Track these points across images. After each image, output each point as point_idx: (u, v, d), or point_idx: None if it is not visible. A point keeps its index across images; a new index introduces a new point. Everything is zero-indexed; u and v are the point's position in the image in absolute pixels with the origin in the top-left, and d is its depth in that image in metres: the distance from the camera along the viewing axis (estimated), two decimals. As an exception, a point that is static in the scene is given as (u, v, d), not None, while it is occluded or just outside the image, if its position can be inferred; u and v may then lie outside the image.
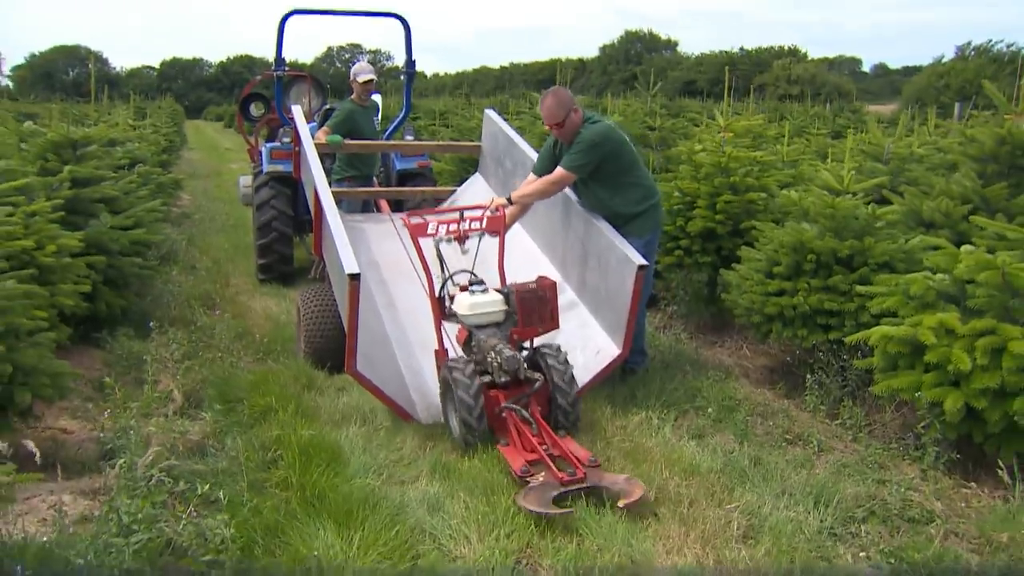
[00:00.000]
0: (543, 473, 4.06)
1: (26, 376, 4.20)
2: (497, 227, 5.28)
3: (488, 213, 5.29)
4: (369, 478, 4.19)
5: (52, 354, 4.50)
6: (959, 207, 5.77)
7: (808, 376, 5.40)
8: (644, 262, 5.03)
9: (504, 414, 4.51)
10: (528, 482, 3.99)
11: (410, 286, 6.13)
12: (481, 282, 5.02)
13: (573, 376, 4.76)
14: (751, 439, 4.85)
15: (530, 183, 5.71)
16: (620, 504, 3.80)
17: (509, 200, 5.58)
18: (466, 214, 5.22)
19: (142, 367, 5.49)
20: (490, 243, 5.25)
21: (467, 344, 4.98)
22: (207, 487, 3.82)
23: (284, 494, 4.00)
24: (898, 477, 4.35)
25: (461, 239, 5.18)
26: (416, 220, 5.19)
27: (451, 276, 5.12)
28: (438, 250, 5.15)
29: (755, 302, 5.71)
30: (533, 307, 4.86)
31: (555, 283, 4.98)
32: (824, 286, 5.46)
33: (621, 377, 5.57)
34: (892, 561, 3.57)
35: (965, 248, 4.73)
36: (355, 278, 4.58)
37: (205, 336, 6.45)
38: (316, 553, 3.39)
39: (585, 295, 5.69)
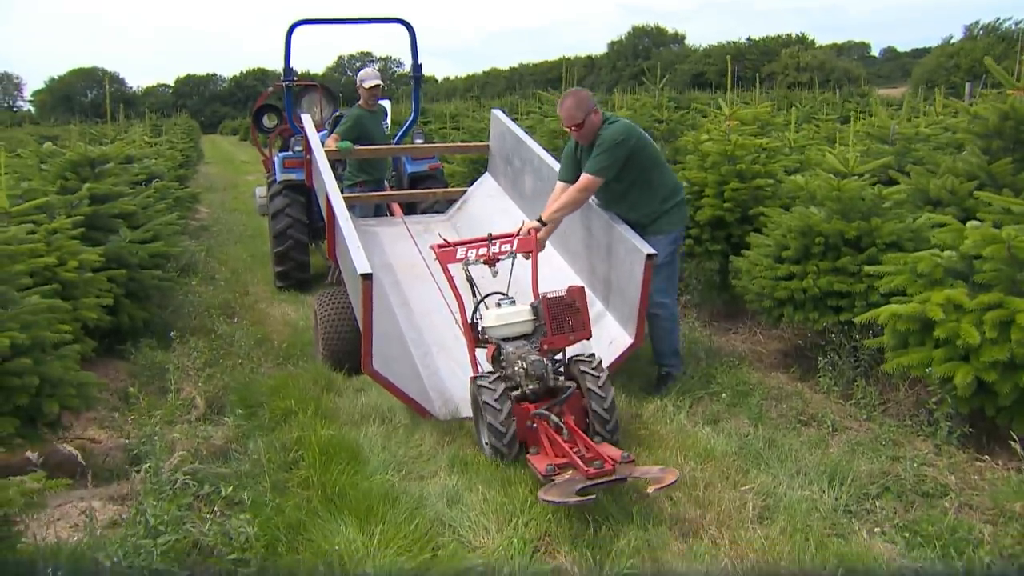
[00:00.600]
0: (570, 471, 3.85)
1: (53, 388, 4.31)
2: (529, 247, 5.16)
3: (519, 237, 5.18)
4: (388, 474, 4.28)
5: (77, 366, 4.62)
6: (965, 184, 5.79)
7: (820, 358, 5.43)
8: (652, 251, 5.08)
9: (535, 424, 4.32)
10: (552, 480, 3.81)
11: (424, 287, 6.22)
12: (512, 302, 4.89)
13: (608, 381, 4.52)
14: (765, 422, 4.90)
15: (557, 197, 5.52)
16: (649, 490, 3.68)
17: (541, 221, 5.35)
18: (495, 238, 5.12)
19: (165, 376, 5.61)
20: (523, 264, 5.17)
21: (495, 359, 4.79)
22: (231, 489, 3.93)
23: (306, 493, 4.09)
24: (912, 453, 4.39)
25: (491, 262, 5.09)
26: (444, 248, 5.13)
27: (483, 299, 4.99)
28: (468, 274, 5.06)
29: (765, 287, 5.75)
30: (563, 315, 4.70)
31: (583, 288, 4.86)
32: (833, 268, 5.50)
33: (657, 386, 5.47)
34: (907, 535, 3.62)
35: (971, 224, 4.75)
36: (367, 278, 4.66)
37: (225, 344, 6.56)
38: (338, 548, 3.47)
39: (596, 286, 5.75)
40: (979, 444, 4.46)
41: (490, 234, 5.12)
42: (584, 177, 5.34)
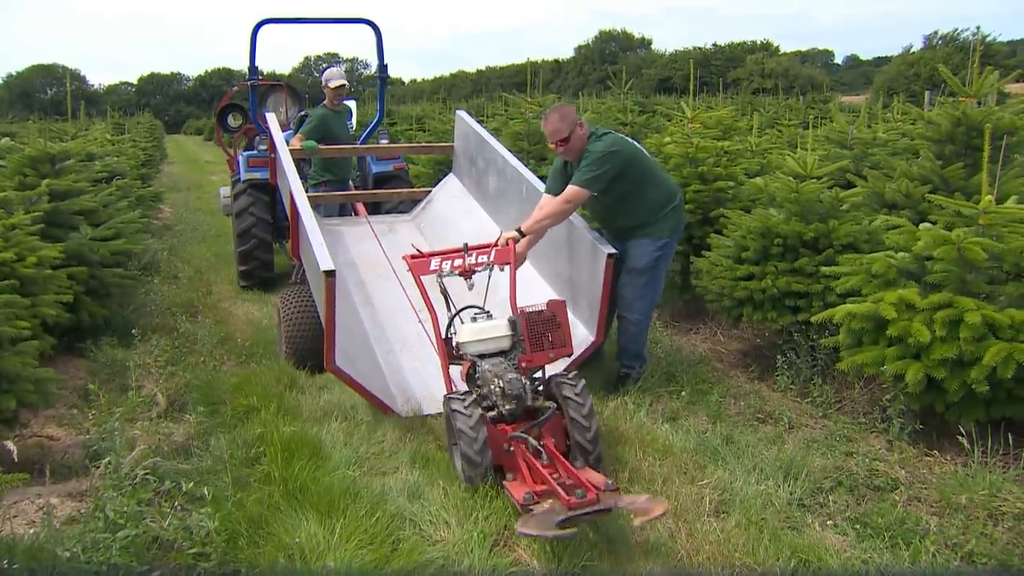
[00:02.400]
0: (550, 500, 3.57)
1: (10, 383, 4.28)
2: (507, 259, 4.97)
3: (497, 248, 5.03)
4: (350, 470, 4.30)
5: (36, 362, 4.58)
6: (919, 188, 5.93)
7: (779, 357, 5.54)
8: (613, 250, 5.14)
9: (511, 447, 4.01)
10: (531, 510, 3.52)
11: (388, 286, 6.24)
12: (486, 312, 4.74)
13: (593, 409, 4.18)
14: (724, 419, 4.98)
15: (541, 207, 5.36)
16: (636, 522, 3.42)
17: (520, 232, 5.21)
18: (471, 249, 4.95)
19: (126, 374, 5.58)
20: (500, 276, 5.01)
21: (470, 377, 4.56)
22: (191, 484, 3.91)
23: (267, 488, 4.09)
24: (865, 449, 4.49)
25: (467, 274, 4.91)
26: (418, 258, 4.95)
27: (458, 313, 4.81)
28: (442, 286, 4.89)
29: (725, 287, 5.85)
30: (543, 331, 4.49)
31: (564, 303, 4.69)
32: (791, 269, 5.61)
33: (615, 384, 5.47)
34: (858, 527, 3.71)
35: (923, 226, 4.89)
36: (330, 274, 4.68)
37: (188, 342, 6.53)
38: (299, 541, 3.48)
39: (560, 287, 5.81)
40: (929, 440, 4.57)
41: (466, 244, 4.95)
42: (570, 189, 5.18)
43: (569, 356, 4.63)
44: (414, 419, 4.93)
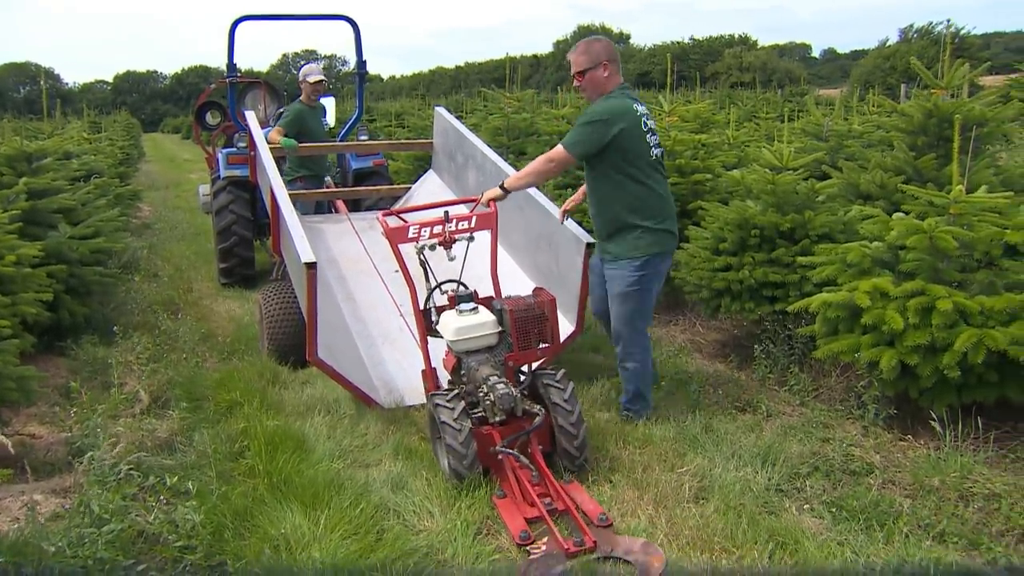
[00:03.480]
0: (546, 540, 3.53)
1: (-9, 381, 4.29)
2: (489, 224, 4.65)
3: (479, 209, 4.71)
4: (334, 462, 4.33)
5: (16, 360, 4.58)
6: (893, 178, 6.02)
7: (756, 347, 5.61)
8: (591, 240, 5.11)
9: (500, 457, 4.00)
10: (529, 553, 3.47)
11: (369, 281, 6.28)
12: (470, 298, 4.43)
13: (581, 415, 4.12)
14: (703, 408, 5.05)
15: (526, 169, 4.88)
16: None
17: (503, 188, 4.77)
18: (452, 213, 4.57)
19: (108, 371, 5.59)
20: (479, 246, 4.73)
21: (456, 371, 4.45)
22: (176, 479, 3.94)
23: (252, 481, 4.12)
24: (841, 435, 4.58)
25: (447, 244, 4.55)
26: (395, 222, 4.62)
27: (438, 286, 4.61)
28: (422, 257, 4.60)
29: (703, 278, 5.91)
30: (530, 328, 4.32)
31: (554, 299, 4.45)
32: (768, 259, 5.68)
33: (620, 417, 4.93)
34: (833, 510, 3.79)
35: (896, 216, 4.98)
36: (311, 266, 4.71)
37: (169, 339, 6.53)
38: (284, 532, 3.52)
39: (539, 278, 5.85)
40: (904, 425, 4.66)
41: (446, 212, 4.57)
42: (556, 148, 4.68)
43: (556, 353, 4.55)
44: (397, 411, 4.97)
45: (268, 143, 7.03)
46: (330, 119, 9.29)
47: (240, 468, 4.34)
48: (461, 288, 4.50)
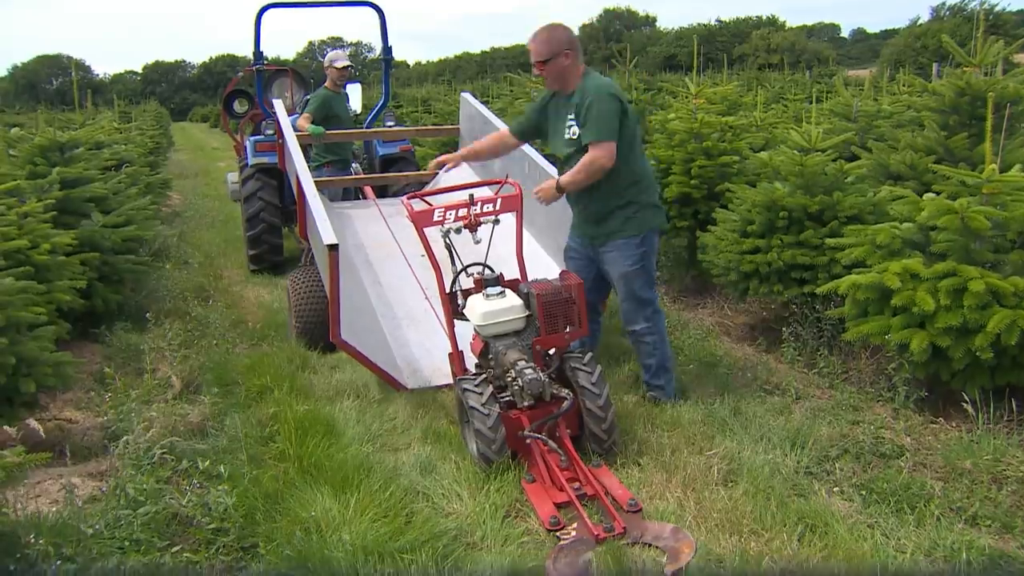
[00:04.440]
0: (575, 525, 3.54)
1: (29, 367, 4.37)
2: (514, 206, 4.61)
3: (505, 191, 4.64)
4: (363, 446, 4.37)
5: (53, 346, 4.66)
6: (924, 158, 5.95)
7: (784, 329, 5.58)
8: None
9: (528, 441, 4.00)
10: (559, 539, 3.47)
11: (395, 265, 6.32)
12: (496, 281, 4.41)
13: (609, 398, 4.11)
14: (731, 391, 5.02)
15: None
16: (666, 571, 3.20)
17: (559, 188, 4.71)
18: (476, 195, 4.55)
19: (140, 357, 5.67)
20: (504, 229, 4.67)
21: (483, 355, 4.44)
22: (208, 463, 4.01)
23: (282, 465, 4.17)
24: (871, 418, 4.55)
25: (473, 226, 4.52)
26: (420, 206, 4.59)
27: (464, 269, 4.58)
28: (448, 241, 4.57)
29: (731, 261, 5.88)
30: (558, 312, 4.26)
31: (582, 283, 4.38)
32: (797, 241, 5.64)
33: (647, 399, 4.91)
34: (863, 493, 3.77)
35: (927, 196, 4.92)
36: (333, 248, 4.74)
37: (200, 326, 6.61)
38: (314, 515, 3.56)
39: (562, 259, 5.84)
40: (934, 407, 4.62)
41: (471, 194, 4.56)
42: (600, 146, 4.52)
43: (584, 336, 4.45)
44: (425, 396, 5.00)
45: (296, 130, 7.07)
46: (357, 105, 9.32)
47: (271, 452, 4.39)
48: (487, 271, 4.49)
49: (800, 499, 3.75)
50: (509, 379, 4.17)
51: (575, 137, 4.69)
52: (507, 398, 4.22)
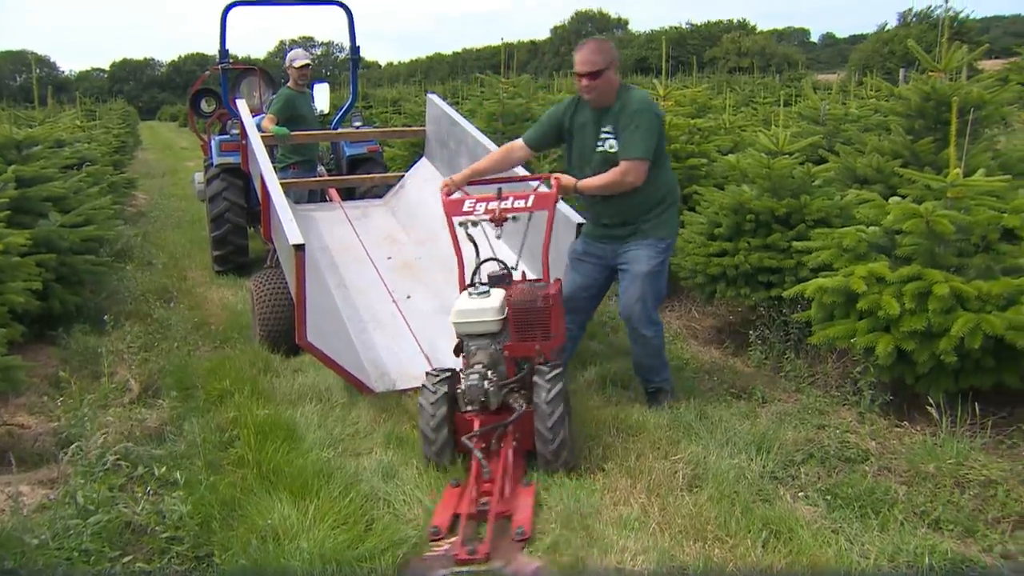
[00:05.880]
0: (448, 544, 3.45)
1: (-23, 371, 4.24)
2: (547, 204, 4.48)
3: (540, 189, 4.54)
4: (324, 451, 4.28)
5: (4, 349, 4.53)
6: (890, 162, 5.97)
7: (752, 333, 5.57)
8: (582, 220, 5.07)
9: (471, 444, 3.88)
10: (429, 546, 3.46)
11: (361, 268, 6.25)
12: (502, 279, 4.38)
13: (559, 394, 3.90)
14: (697, 395, 5.00)
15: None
16: None
17: (577, 189, 4.66)
18: (505, 190, 4.48)
19: (98, 361, 5.54)
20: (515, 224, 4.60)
21: (458, 352, 4.37)
22: (164, 469, 3.91)
23: (241, 471, 4.08)
24: (836, 422, 4.54)
25: (498, 221, 4.46)
26: (455, 195, 4.62)
27: (484, 262, 4.47)
28: (468, 233, 4.52)
29: (698, 264, 5.86)
30: (529, 320, 4.12)
31: (557, 293, 4.29)
32: (764, 245, 5.63)
33: (648, 402, 4.90)
34: (828, 498, 3.75)
35: (893, 200, 4.93)
36: (299, 248, 4.67)
37: (161, 328, 6.49)
38: (272, 522, 3.48)
39: (533, 260, 5.79)
40: (899, 411, 4.62)
41: (500, 188, 4.49)
42: (632, 163, 4.52)
43: (559, 346, 4.27)
44: (388, 400, 4.93)
45: (260, 131, 6.97)
46: (323, 105, 9.22)
47: (229, 457, 4.30)
48: (501, 266, 4.44)
49: (765, 504, 3.73)
50: (461, 379, 4.12)
51: (612, 151, 4.65)
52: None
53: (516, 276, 4.58)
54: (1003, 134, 7.76)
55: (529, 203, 4.46)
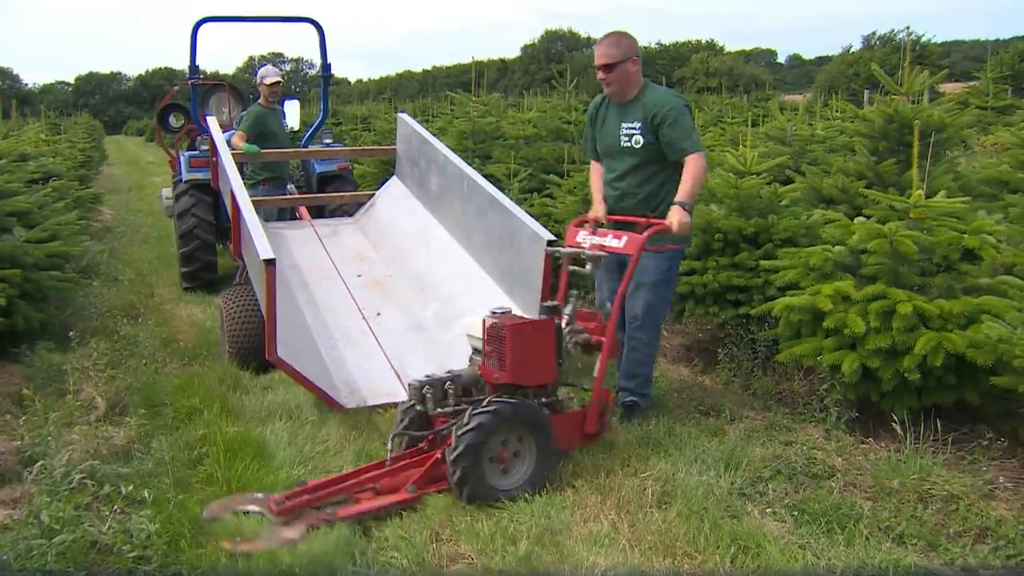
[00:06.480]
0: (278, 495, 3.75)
1: (-60, 389, 4.17)
2: (633, 250, 4.48)
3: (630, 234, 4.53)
4: (295, 469, 4.26)
5: (-34, 367, 4.47)
6: (855, 183, 6.08)
7: (720, 351, 5.63)
8: (552, 237, 5.12)
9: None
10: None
11: (332, 286, 6.25)
12: (554, 311, 4.41)
13: (473, 430, 3.84)
14: (666, 412, 5.04)
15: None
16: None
17: (683, 206, 4.57)
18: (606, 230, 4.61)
19: (63, 378, 5.45)
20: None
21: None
22: (132, 488, 3.86)
23: (210, 489, 4.05)
24: (803, 438, 4.60)
25: (594, 257, 4.54)
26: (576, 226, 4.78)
27: (568, 292, 4.59)
28: (561, 262, 4.70)
29: (668, 282, 5.91)
30: (493, 347, 4.12)
31: (522, 328, 4.10)
32: (732, 263, 5.70)
33: (621, 417, 4.91)
34: (795, 513, 3.79)
35: (858, 220, 5.04)
36: (270, 263, 4.66)
37: (129, 345, 6.42)
38: (239, 539, 3.45)
39: (502, 277, 5.83)
40: (865, 428, 4.70)
41: (600, 224, 4.68)
42: (697, 155, 4.62)
43: (509, 381, 4.10)
44: (359, 417, 4.91)
45: (230, 148, 6.95)
46: (294, 122, 9.22)
47: (198, 475, 4.26)
48: (574, 298, 4.55)
49: (733, 520, 3.76)
50: None
51: (637, 146, 4.74)
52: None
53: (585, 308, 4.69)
54: (963, 156, 7.95)
55: (622, 243, 4.53)
